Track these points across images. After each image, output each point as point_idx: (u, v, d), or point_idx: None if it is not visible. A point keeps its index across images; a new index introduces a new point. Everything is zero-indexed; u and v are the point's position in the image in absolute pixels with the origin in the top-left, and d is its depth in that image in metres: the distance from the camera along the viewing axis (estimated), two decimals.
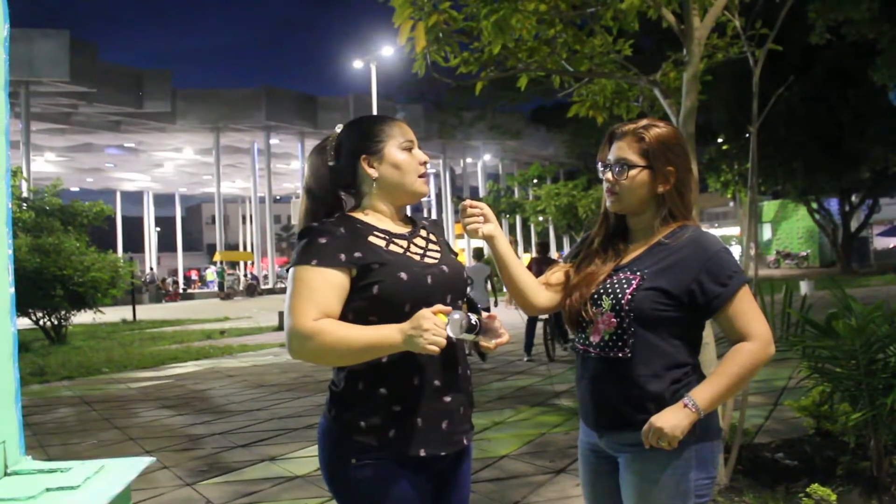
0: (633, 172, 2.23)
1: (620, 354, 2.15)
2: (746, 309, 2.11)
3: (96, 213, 19.31)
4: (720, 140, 31.68)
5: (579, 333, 2.31)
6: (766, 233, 50.52)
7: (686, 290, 2.11)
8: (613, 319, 2.16)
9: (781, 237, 49.58)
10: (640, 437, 2.09)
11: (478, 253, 13.52)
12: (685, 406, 2.05)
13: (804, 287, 19.35)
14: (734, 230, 50.48)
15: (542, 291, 2.40)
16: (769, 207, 49.86)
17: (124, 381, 11.28)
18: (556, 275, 2.44)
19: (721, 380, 2.08)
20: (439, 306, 1.94)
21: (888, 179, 33.32)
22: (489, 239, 2.28)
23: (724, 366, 2.10)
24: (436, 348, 1.88)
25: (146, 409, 8.74)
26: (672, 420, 2.03)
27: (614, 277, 2.23)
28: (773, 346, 2.12)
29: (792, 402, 5.83)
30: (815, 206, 35.61)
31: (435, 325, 1.87)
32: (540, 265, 12.74)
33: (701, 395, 2.06)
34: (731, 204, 49.89)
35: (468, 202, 2.26)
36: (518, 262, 2.38)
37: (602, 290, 2.22)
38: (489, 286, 13.06)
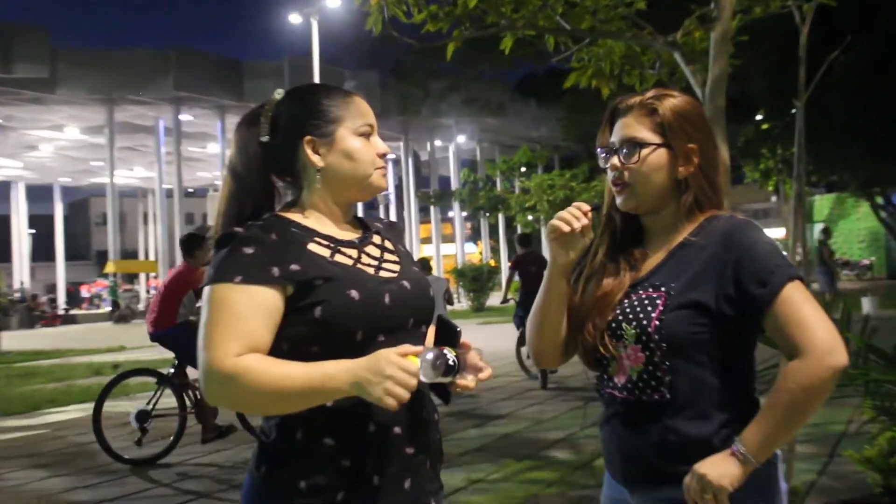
0: (645, 152, 2.23)
1: (657, 396, 2.14)
2: (796, 311, 2.05)
3: None
4: (759, 118, 31.98)
5: (601, 374, 2.30)
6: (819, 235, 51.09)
7: (725, 298, 2.10)
8: (641, 353, 2.16)
9: (838, 241, 50.11)
10: (682, 493, 2.08)
11: (424, 263, 13.64)
12: (733, 453, 2.03)
13: (867, 305, 19.58)
14: (778, 232, 51.03)
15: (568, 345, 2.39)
16: (822, 203, 50.45)
17: None
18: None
19: (771, 415, 2.04)
20: (408, 347, 1.93)
21: None
22: (566, 263, 2.28)
23: (771, 397, 2.06)
24: (395, 403, 1.88)
25: (12, 468, 8.61)
26: (718, 468, 2.02)
27: (633, 297, 2.22)
28: (840, 354, 2.03)
29: (853, 453, 5.89)
30: (880, 201, 36.05)
31: (400, 372, 1.87)
32: (527, 265, 12.96)
33: (749, 437, 2.04)
34: (774, 199, 50.28)
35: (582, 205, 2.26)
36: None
37: (621, 317, 2.21)
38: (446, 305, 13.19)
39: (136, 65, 42.71)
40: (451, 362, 1.99)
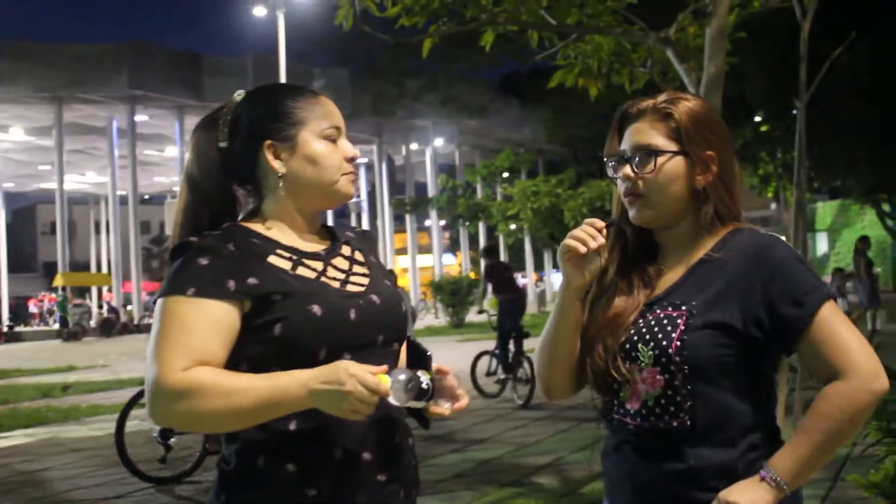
0: (661, 160, 2.21)
1: (676, 423, 2.12)
2: (835, 333, 2.06)
3: None
4: (757, 119, 32.19)
5: (609, 399, 2.28)
6: (821, 244, 51.40)
7: (753, 318, 2.10)
8: (659, 376, 2.14)
9: (841, 251, 50.46)
10: None
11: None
12: (762, 479, 2.03)
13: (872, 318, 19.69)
14: None
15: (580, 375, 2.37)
16: (825, 210, 50.79)
17: None
18: None
19: (806, 439, 2.04)
20: (370, 368, 1.93)
21: None
22: (581, 285, 2.27)
23: (808, 420, 2.06)
24: (360, 417, 1.90)
25: None
26: (749, 495, 2.02)
27: (649, 316, 2.21)
28: (883, 378, 2.05)
29: (857, 477, 5.91)
30: (886, 208, 36.31)
31: (360, 387, 1.87)
32: (502, 271, 13.78)
33: (781, 463, 2.04)
34: (774, 206, 50.62)
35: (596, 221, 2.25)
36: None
37: (636, 338, 2.19)
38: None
39: (87, 60, 42.56)
40: (424, 386, 1.99)
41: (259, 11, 35.52)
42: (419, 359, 2.17)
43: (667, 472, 2.14)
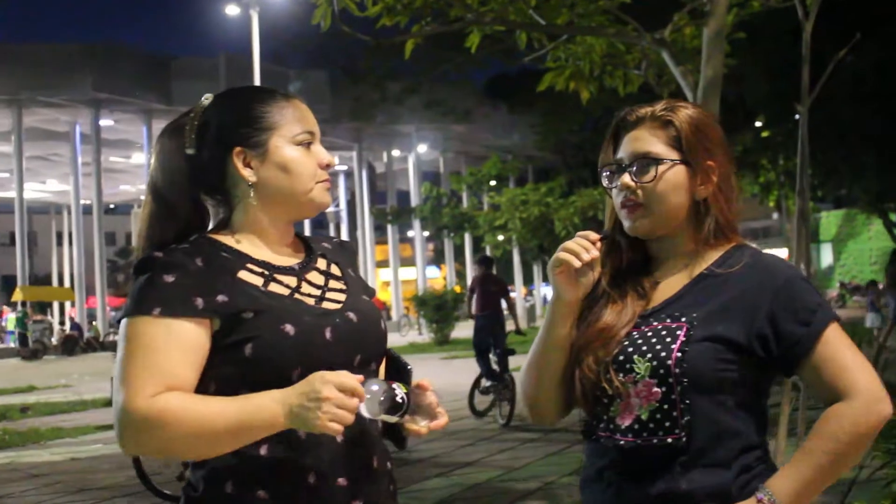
0: (662, 168, 2.23)
1: (670, 438, 2.13)
2: (840, 354, 2.11)
3: None
4: (758, 124, 32.29)
5: (599, 414, 2.27)
6: (826, 256, 51.58)
7: (757, 335, 2.12)
8: (656, 389, 2.14)
9: (847, 263, 50.69)
10: None
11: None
12: (759, 502, 2.04)
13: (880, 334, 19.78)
14: (780, 252, 51.46)
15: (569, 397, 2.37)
16: (829, 220, 50.99)
17: None
18: None
19: (808, 461, 2.07)
20: (346, 374, 1.93)
21: None
22: (573, 300, 2.29)
23: (810, 441, 2.08)
24: (339, 427, 1.88)
25: None
26: None
27: (645, 328, 2.23)
28: (888, 402, 2.08)
29: (864, 503, 5.92)
30: (894, 218, 36.41)
31: (337, 392, 1.86)
32: (488, 285, 13.68)
33: (780, 485, 2.06)
34: (776, 215, 50.77)
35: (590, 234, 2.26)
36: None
37: (631, 349, 2.20)
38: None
39: (48, 61, 42.42)
40: (398, 399, 1.98)
41: (232, 10, 35.52)
42: (399, 373, 2.16)
43: (655, 496, 2.14)
